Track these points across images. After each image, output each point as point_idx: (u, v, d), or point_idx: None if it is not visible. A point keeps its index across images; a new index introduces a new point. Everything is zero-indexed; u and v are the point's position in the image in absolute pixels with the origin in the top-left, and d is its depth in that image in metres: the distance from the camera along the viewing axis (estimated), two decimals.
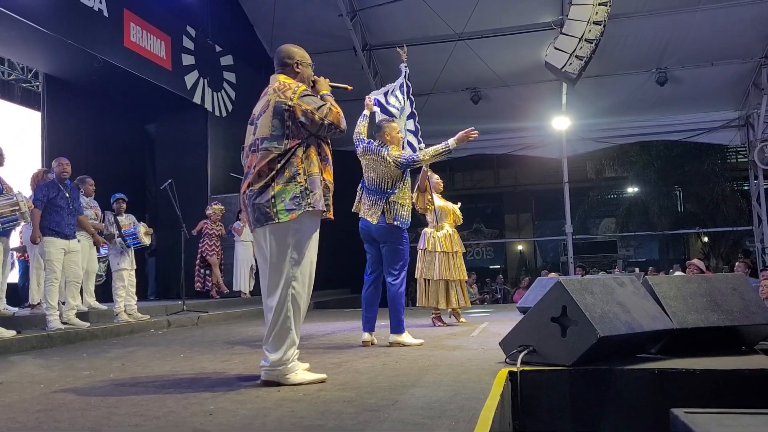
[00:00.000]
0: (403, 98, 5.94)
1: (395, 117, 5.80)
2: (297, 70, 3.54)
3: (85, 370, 4.05)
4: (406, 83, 6.03)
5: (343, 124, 3.41)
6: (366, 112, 5.36)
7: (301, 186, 3.26)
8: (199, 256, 10.06)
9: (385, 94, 5.91)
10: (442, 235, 6.52)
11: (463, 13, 11.36)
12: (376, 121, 5.41)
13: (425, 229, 6.66)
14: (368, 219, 4.89)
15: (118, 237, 7.04)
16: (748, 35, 11.82)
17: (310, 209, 3.26)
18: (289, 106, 3.29)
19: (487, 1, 11.12)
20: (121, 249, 7.09)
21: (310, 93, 3.41)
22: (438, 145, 5.06)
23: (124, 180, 10.28)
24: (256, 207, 3.26)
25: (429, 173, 6.48)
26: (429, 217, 6.65)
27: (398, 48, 6.32)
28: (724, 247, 18.18)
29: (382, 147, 4.97)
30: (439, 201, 6.68)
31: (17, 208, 5.58)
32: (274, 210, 3.22)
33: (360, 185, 5.10)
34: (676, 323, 3.53)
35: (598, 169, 20.96)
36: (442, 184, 6.95)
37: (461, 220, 6.96)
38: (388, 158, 4.90)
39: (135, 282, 7.35)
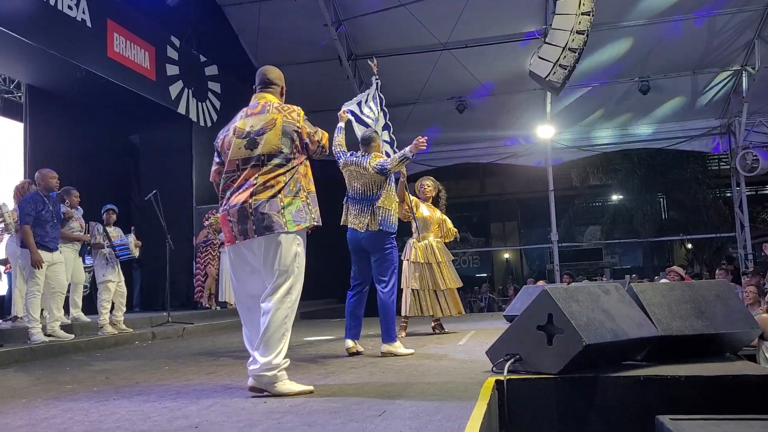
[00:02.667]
0: (377, 109, 5.98)
1: (370, 127, 5.84)
2: (282, 93, 3.73)
3: (68, 384, 4.01)
4: (379, 95, 6.09)
5: (328, 147, 3.67)
6: (341, 124, 5.40)
7: (303, 201, 3.42)
8: (204, 267, 9.99)
9: (359, 104, 5.95)
10: (422, 245, 6.50)
11: (448, 22, 11.43)
12: (356, 131, 5.46)
13: (410, 239, 6.64)
14: (356, 228, 4.92)
15: (108, 247, 6.98)
16: (727, 44, 12.00)
17: (315, 223, 3.47)
18: (298, 127, 3.47)
19: (471, 11, 11.19)
20: (108, 260, 7.02)
21: (306, 117, 3.61)
22: (397, 154, 5.09)
23: (108, 191, 10.18)
24: (264, 216, 3.30)
25: (416, 184, 6.51)
26: (413, 227, 6.64)
27: (369, 61, 6.38)
28: (707, 254, 18.37)
29: (364, 157, 5.03)
30: (426, 211, 6.64)
31: (2, 219, 5.52)
32: (284, 220, 3.31)
33: (345, 198, 5.13)
34: (660, 330, 3.55)
35: (583, 177, 21.12)
36: (429, 190, 6.82)
37: (452, 236, 6.79)
38: (368, 167, 4.95)
39: (125, 293, 7.29)
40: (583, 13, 9.75)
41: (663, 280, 8.96)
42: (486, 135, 14.13)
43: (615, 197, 20.90)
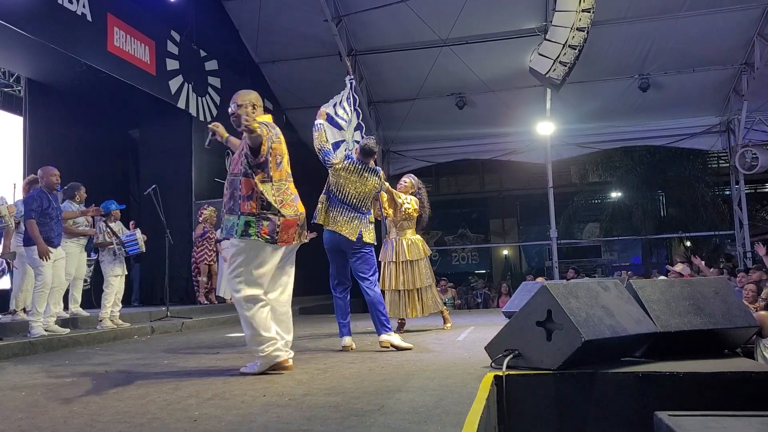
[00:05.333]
0: (351, 110, 6.00)
1: (343, 129, 5.86)
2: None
3: (67, 377, 4.01)
4: (353, 95, 6.10)
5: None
6: (320, 120, 5.38)
7: None
8: (200, 263, 9.96)
9: (334, 106, 5.97)
10: (391, 244, 6.45)
11: (448, 19, 11.42)
12: (327, 133, 5.49)
13: (384, 239, 6.60)
14: (345, 235, 4.95)
15: (117, 244, 7.01)
16: (728, 42, 11.99)
17: None
18: None
19: (471, 7, 11.18)
20: (115, 255, 7.06)
21: None
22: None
23: (108, 185, 10.18)
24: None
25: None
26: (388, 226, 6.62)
27: (344, 59, 6.40)
28: (706, 252, 18.34)
29: (374, 173, 5.15)
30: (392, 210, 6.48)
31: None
32: None
33: (327, 198, 5.12)
34: (659, 327, 3.56)
35: (582, 174, 21.08)
36: (406, 186, 6.54)
37: (408, 211, 6.34)
38: (379, 183, 5.24)
39: (123, 289, 7.32)
40: (583, 10, 9.74)
41: (661, 278, 8.97)
42: (486, 131, 14.11)
43: (614, 194, 20.87)
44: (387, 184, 6.01)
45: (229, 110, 3.99)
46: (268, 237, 3.78)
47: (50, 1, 7.76)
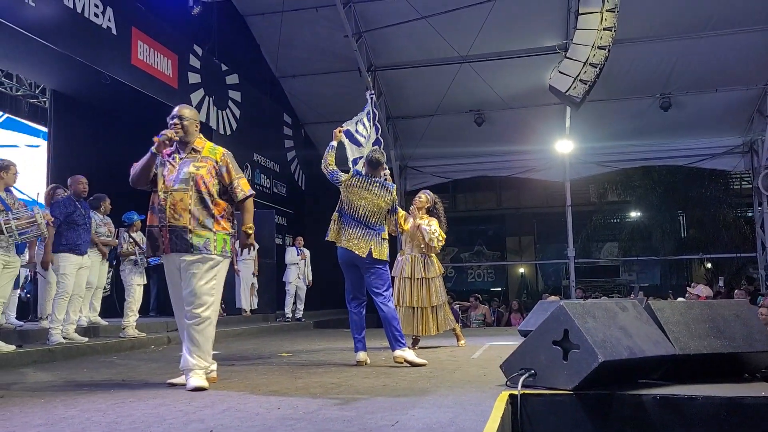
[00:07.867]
0: (370, 125, 6.00)
1: (362, 145, 5.87)
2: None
3: (85, 385, 4.05)
4: (373, 110, 6.10)
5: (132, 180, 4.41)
6: (334, 142, 5.37)
7: None
8: None
9: (356, 123, 5.98)
10: (406, 261, 6.38)
11: (468, 35, 11.47)
12: (347, 151, 5.48)
13: (399, 255, 6.55)
14: (356, 251, 4.94)
15: (140, 254, 7.11)
16: (752, 62, 11.92)
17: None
18: None
19: (491, 24, 11.23)
20: (137, 265, 7.15)
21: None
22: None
23: (129, 197, 10.18)
24: None
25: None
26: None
27: (364, 74, 6.43)
28: (727, 274, 18.12)
29: (385, 188, 5.11)
30: (411, 225, 6.34)
31: (34, 221, 5.59)
32: None
33: (339, 216, 5.13)
34: (678, 349, 3.51)
35: (601, 193, 20.95)
36: (422, 202, 6.38)
37: (436, 241, 6.20)
38: (390, 198, 5.13)
39: (141, 298, 7.39)
40: (605, 29, 9.74)
41: (680, 299, 8.86)
42: (504, 148, 14.11)
43: (633, 214, 20.72)
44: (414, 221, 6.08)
45: (173, 120, 4.25)
46: (231, 254, 4.10)
47: (76, 15, 7.92)
